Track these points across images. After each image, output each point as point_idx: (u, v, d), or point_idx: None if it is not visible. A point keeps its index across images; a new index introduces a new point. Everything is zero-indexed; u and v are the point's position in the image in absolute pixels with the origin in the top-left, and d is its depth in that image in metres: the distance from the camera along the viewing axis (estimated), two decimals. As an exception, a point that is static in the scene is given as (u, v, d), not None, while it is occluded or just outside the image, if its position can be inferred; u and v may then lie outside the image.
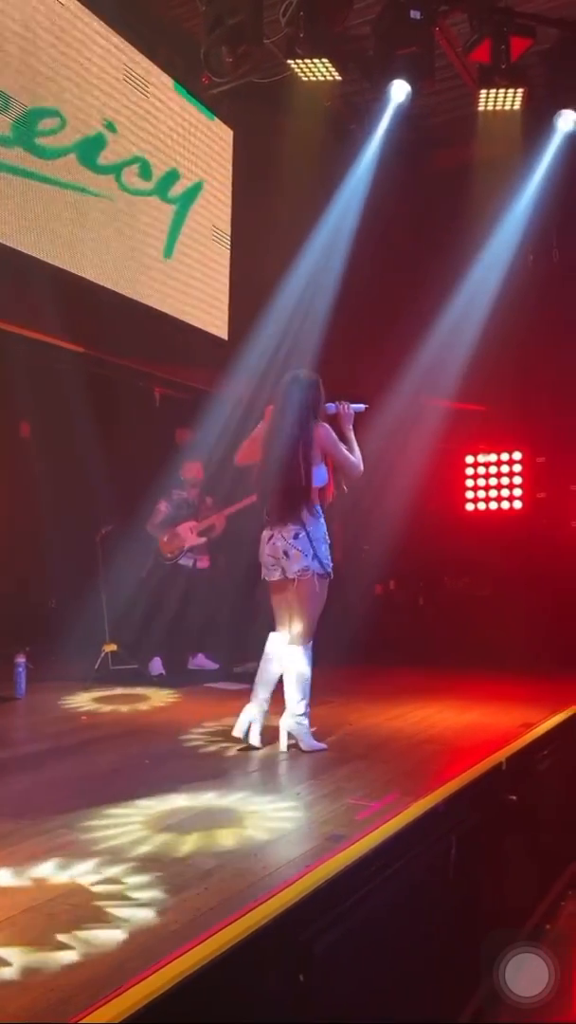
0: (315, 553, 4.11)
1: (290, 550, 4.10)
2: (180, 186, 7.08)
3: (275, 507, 4.16)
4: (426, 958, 3.01)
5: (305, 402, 4.14)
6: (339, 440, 4.17)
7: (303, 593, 4.15)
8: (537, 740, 4.40)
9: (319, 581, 4.15)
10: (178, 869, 2.56)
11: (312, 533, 4.11)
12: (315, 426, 4.13)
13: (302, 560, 4.09)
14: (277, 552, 4.15)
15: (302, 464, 4.07)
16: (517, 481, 8.45)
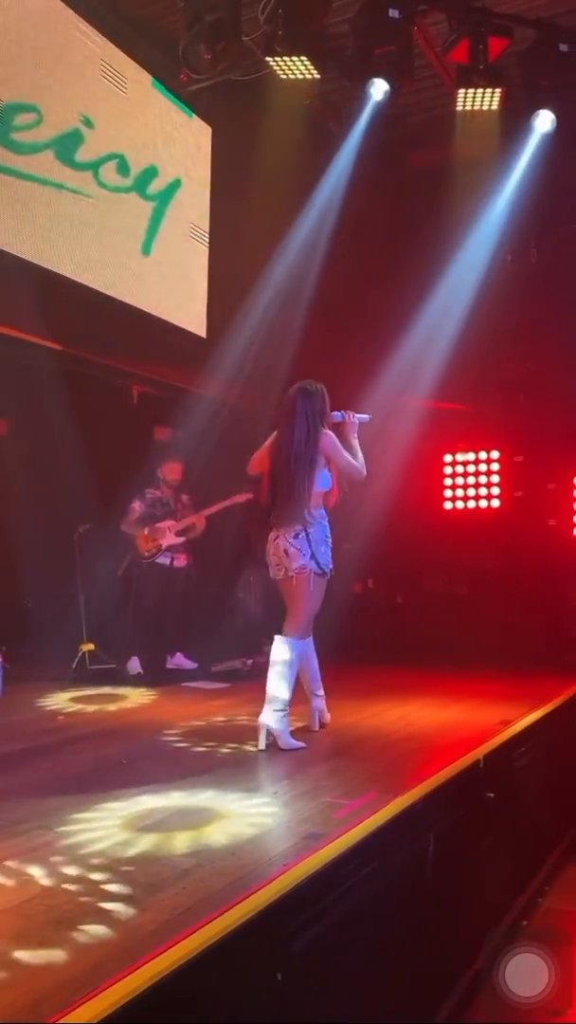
0: (312, 553, 4.29)
1: (290, 549, 4.30)
2: (158, 183, 7.05)
3: (280, 509, 4.36)
4: (405, 955, 3.02)
5: (311, 411, 4.35)
6: (343, 447, 4.37)
7: (298, 589, 4.32)
8: (514, 738, 4.43)
9: (315, 579, 4.32)
10: (155, 869, 2.54)
11: (312, 534, 4.30)
12: (320, 434, 4.32)
13: (300, 559, 4.28)
14: (279, 552, 4.35)
15: (307, 469, 4.28)
16: (495, 480, 8.50)
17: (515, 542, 8.18)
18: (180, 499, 6.83)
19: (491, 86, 6.41)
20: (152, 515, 6.67)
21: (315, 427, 4.32)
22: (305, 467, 4.28)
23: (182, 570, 6.78)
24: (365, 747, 4.37)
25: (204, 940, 2.03)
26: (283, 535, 4.34)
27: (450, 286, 7.74)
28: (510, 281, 8.35)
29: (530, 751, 4.59)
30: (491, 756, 4.00)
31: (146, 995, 1.81)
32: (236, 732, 4.61)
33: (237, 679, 6.36)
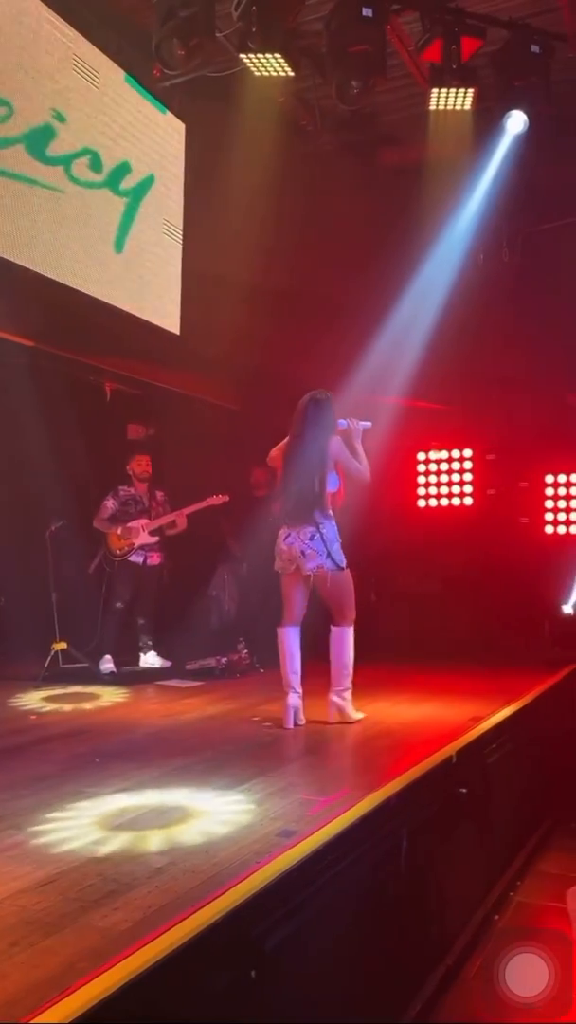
0: (328, 552, 4.61)
1: (306, 550, 4.62)
2: (131, 179, 7.00)
3: (293, 510, 4.68)
4: (377, 951, 3.03)
5: (320, 419, 4.69)
6: (348, 452, 4.70)
7: (329, 587, 4.69)
8: (486, 733, 4.46)
9: (336, 573, 4.66)
10: (128, 868, 2.53)
11: (326, 534, 4.62)
12: (329, 440, 4.65)
13: (316, 559, 4.61)
14: (294, 551, 4.66)
15: (317, 473, 4.62)
16: (467, 478, 8.55)
17: (487, 540, 8.24)
18: (155, 496, 6.81)
19: (464, 86, 6.45)
20: (125, 513, 6.64)
21: (324, 433, 4.65)
22: (315, 471, 4.61)
23: (155, 568, 6.76)
24: (339, 744, 4.39)
25: (177, 939, 2.03)
26: (296, 535, 4.64)
27: (423, 285, 7.77)
28: (482, 280, 8.41)
29: (502, 747, 4.63)
30: (463, 752, 4.03)
31: (119, 994, 1.80)
32: (209, 730, 4.61)
33: (211, 677, 6.35)
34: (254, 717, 4.97)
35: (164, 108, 7.29)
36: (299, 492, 4.65)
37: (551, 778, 5.79)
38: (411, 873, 3.26)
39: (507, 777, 4.71)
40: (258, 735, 4.47)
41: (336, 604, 4.77)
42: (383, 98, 7.34)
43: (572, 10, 6.32)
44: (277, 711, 4.93)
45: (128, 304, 6.95)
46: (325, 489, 4.63)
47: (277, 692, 5.67)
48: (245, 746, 4.18)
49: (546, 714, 5.70)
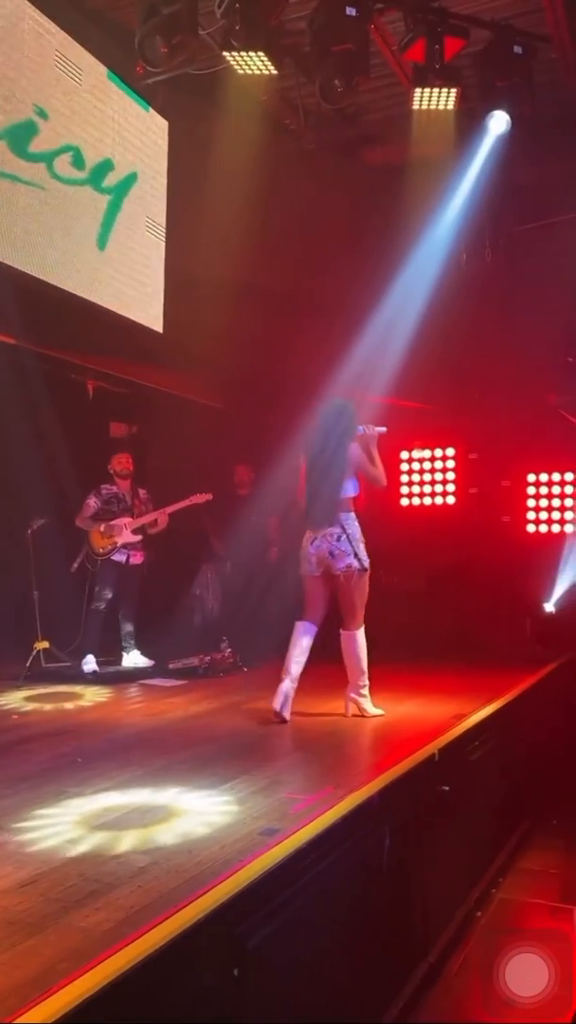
0: (355, 552, 4.81)
1: (335, 551, 4.82)
2: (114, 176, 6.97)
3: (318, 513, 4.90)
4: (360, 948, 3.04)
5: (342, 426, 4.89)
6: (366, 457, 4.91)
7: (350, 588, 4.85)
8: (469, 731, 4.48)
9: (360, 575, 4.85)
10: (111, 867, 2.52)
11: (352, 535, 4.84)
12: (349, 447, 4.86)
13: (345, 559, 4.81)
14: (322, 553, 4.86)
15: (339, 477, 4.84)
16: (450, 477, 8.59)
17: (470, 538, 8.27)
18: (137, 495, 6.78)
19: (447, 86, 6.47)
20: (108, 511, 6.61)
21: (345, 440, 4.86)
22: (338, 476, 4.83)
23: (138, 567, 6.74)
24: (322, 742, 4.39)
25: (159, 938, 2.02)
26: (323, 538, 4.85)
27: (407, 284, 7.79)
28: (465, 280, 8.44)
29: (484, 744, 4.65)
30: (446, 750, 4.04)
31: (100, 995, 1.79)
32: (192, 729, 4.60)
33: (194, 676, 6.34)
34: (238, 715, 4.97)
35: (147, 105, 7.27)
36: (324, 496, 4.86)
37: (533, 775, 5.82)
38: (394, 871, 3.27)
39: (489, 775, 4.74)
40: (241, 734, 4.46)
41: (350, 606, 4.90)
42: (366, 97, 7.35)
43: (554, 11, 6.35)
44: (261, 709, 4.94)
45: (111, 302, 6.92)
46: (349, 492, 4.87)
47: (261, 691, 5.68)
48: (228, 745, 4.18)
49: (528, 712, 5.73)
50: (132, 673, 6.50)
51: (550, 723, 6.30)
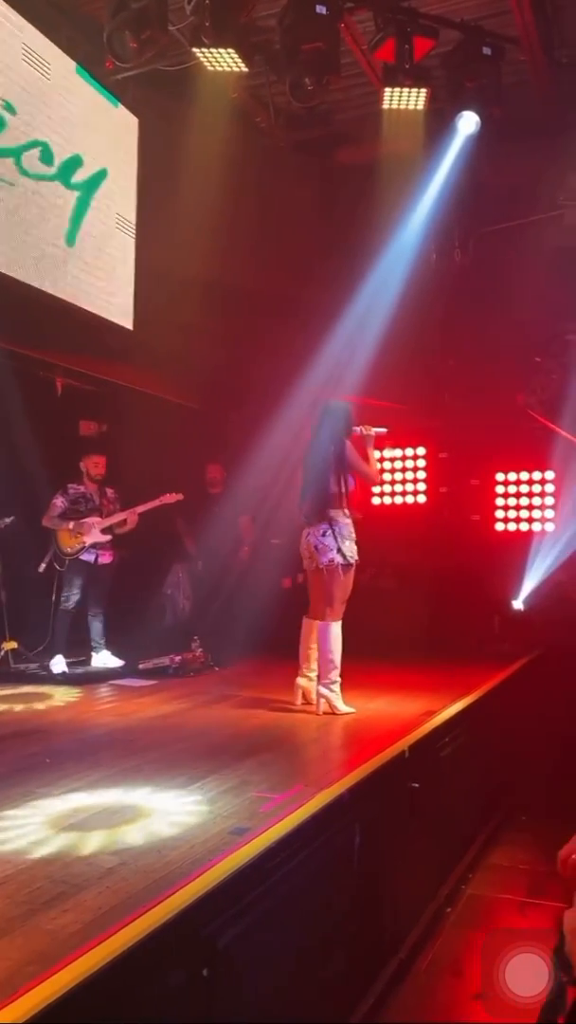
0: (339, 547, 4.99)
1: (319, 544, 5.03)
2: (83, 173, 6.91)
3: (310, 509, 5.12)
4: (331, 945, 3.04)
5: (337, 426, 5.13)
6: (361, 456, 5.11)
7: (330, 579, 5.03)
8: (438, 728, 4.50)
9: (343, 570, 5.03)
10: (79, 869, 2.50)
11: (339, 531, 5.01)
12: (343, 445, 5.06)
13: (328, 553, 5.00)
14: (310, 547, 5.08)
15: (332, 475, 5.03)
16: (421, 476, 8.62)
17: (440, 537, 8.32)
18: (105, 494, 6.73)
19: (416, 86, 6.50)
20: (76, 511, 6.55)
21: (339, 439, 5.07)
22: (329, 473, 5.03)
23: (107, 567, 6.69)
24: (292, 740, 4.39)
25: (127, 939, 2.00)
26: (313, 532, 5.07)
27: (377, 283, 7.81)
28: (435, 279, 8.48)
29: (454, 741, 4.68)
30: (416, 747, 4.06)
31: (67, 997, 1.77)
32: (163, 729, 4.57)
33: (165, 676, 6.30)
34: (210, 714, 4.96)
35: (117, 101, 7.21)
36: (314, 492, 5.08)
37: (502, 771, 5.87)
38: (364, 868, 3.27)
39: (459, 771, 4.76)
40: (211, 733, 4.45)
41: (329, 598, 5.05)
42: (337, 96, 7.37)
43: (522, 13, 6.39)
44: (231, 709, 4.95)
45: (80, 299, 6.87)
46: (339, 489, 5.04)
47: (232, 691, 5.68)
48: (198, 745, 4.16)
49: (497, 708, 5.77)
50: (102, 673, 6.45)
51: (519, 719, 6.36)
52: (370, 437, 5.24)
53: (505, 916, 4.22)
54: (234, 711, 5.04)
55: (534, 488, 8.10)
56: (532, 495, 8.10)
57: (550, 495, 8.01)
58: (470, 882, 4.61)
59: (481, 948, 1.43)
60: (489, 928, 4.03)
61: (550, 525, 7.98)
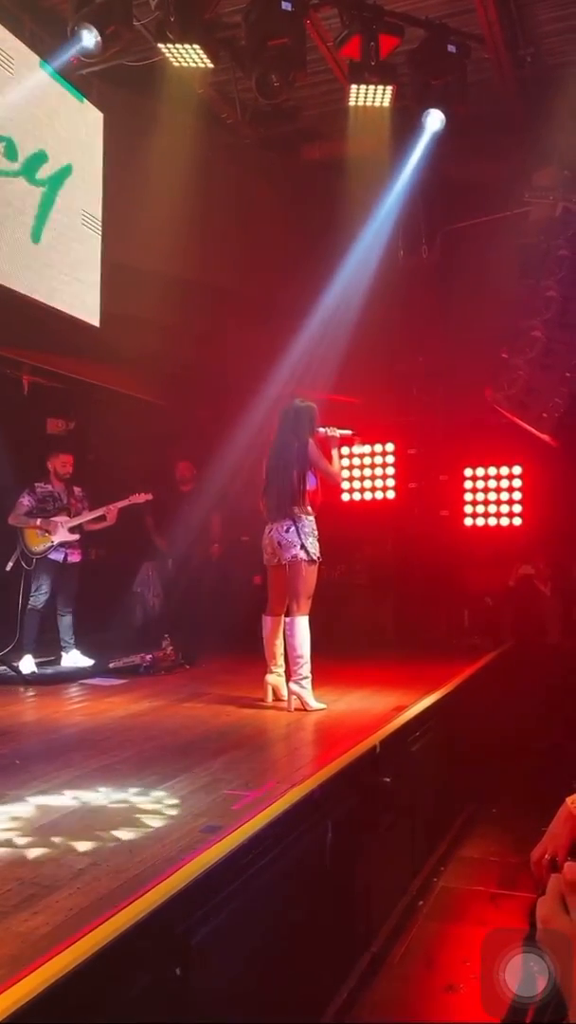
0: (302, 544, 5.03)
1: (283, 541, 5.07)
2: (48, 168, 6.84)
3: (273, 506, 5.16)
4: (304, 941, 3.05)
5: (300, 425, 5.18)
6: (323, 456, 5.16)
7: (295, 575, 5.06)
8: (409, 723, 4.53)
9: (307, 566, 5.05)
10: (49, 870, 2.48)
11: (301, 527, 5.05)
12: (307, 444, 5.11)
13: (292, 549, 5.04)
14: (273, 543, 5.13)
15: (294, 471, 5.08)
16: (390, 472, 8.66)
17: (410, 532, 8.36)
18: (73, 493, 6.68)
19: (382, 83, 6.51)
20: (43, 510, 6.50)
21: (302, 437, 5.12)
22: (292, 471, 5.07)
23: (76, 566, 6.64)
24: (263, 737, 4.40)
25: (99, 940, 2.00)
26: (276, 528, 5.10)
27: (344, 279, 7.83)
28: (402, 276, 8.52)
29: (424, 735, 4.71)
30: (387, 741, 4.08)
31: (39, 1000, 1.77)
32: (133, 728, 4.55)
33: (136, 675, 6.27)
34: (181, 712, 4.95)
35: (82, 97, 7.15)
36: (278, 489, 5.12)
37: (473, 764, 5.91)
38: (336, 864, 3.28)
39: (430, 765, 4.80)
40: (182, 732, 4.44)
41: (294, 593, 5.08)
42: (303, 93, 7.37)
43: (486, 11, 6.43)
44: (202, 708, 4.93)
45: (46, 295, 6.79)
46: (303, 486, 5.07)
47: (203, 689, 5.67)
48: (169, 743, 4.15)
49: (467, 702, 5.82)
50: (72, 673, 6.40)
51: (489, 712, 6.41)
52: (334, 438, 5.28)
53: (477, 908, 4.26)
54: (205, 709, 5.02)
55: (502, 483, 8.16)
56: (500, 490, 8.16)
57: (518, 490, 8.08)
58: (442, 875, 4.64)
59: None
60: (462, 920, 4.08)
61: (518, 520, 8.06)
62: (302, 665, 4.98)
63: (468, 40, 6.57)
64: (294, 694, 4.96)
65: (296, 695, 4.95)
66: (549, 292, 7.39)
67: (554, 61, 7.13)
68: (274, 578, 5.26)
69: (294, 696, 4.96)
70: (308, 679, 4.98)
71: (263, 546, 5.23)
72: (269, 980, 2.75)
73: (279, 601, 5.23)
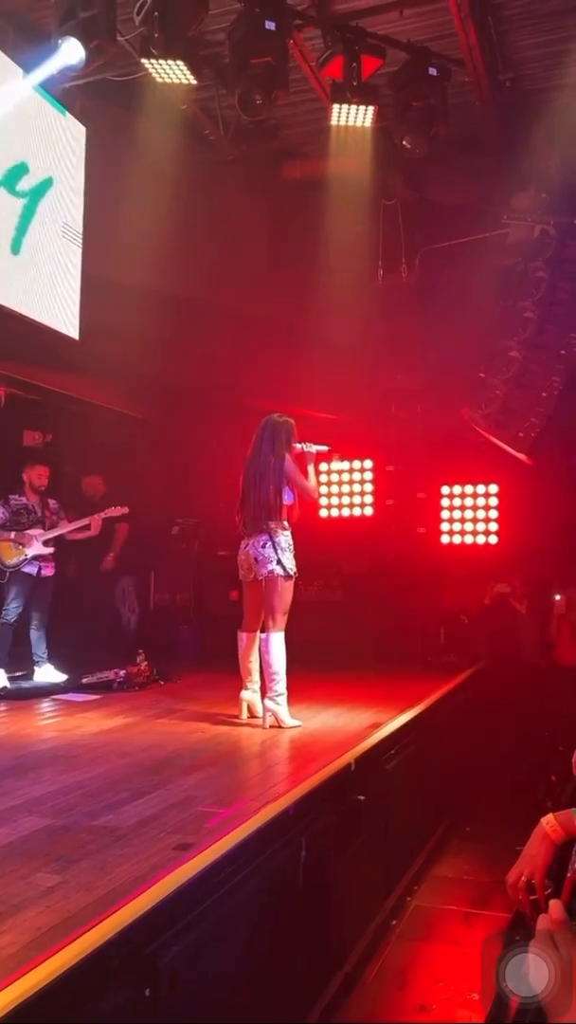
0: (279, 559, 5.00)
1: (259, 556, 5.04)
2: (29, 180, 6.82)
3: (249, 521, 5.14)
4: (276, 960, 3.01)
5: (276, 440, 5.17)
6: (300, 471, 5.14)
7: (270, 590, 5.03)
8: (384, 740, 4.51)
9: (283, 581, 5.02)
10: (17, 888, 2.44)
11: (278, 542, 5.03)
12: (283, 459, 5.11)
13: (268, 565, 5.01)
14: (250, 559, 5.10)
15: (271, 488, 5.06)
16: (368, 488, 8.67)
17: (387, 549, 8.37)
18: (48, 505, 6.63)
19: (364, 103, 6.57)
20: (17, 523, 6.44)
21: (279, 453, 5.12)
22: (269, 486, 5.06)
23: (50, 579, 6.58)
24: (238, 754, 4.36)
25: (67, 960, 1.96)
26: (252, 543, 5.08)
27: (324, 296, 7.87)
28: (382, 295, 8.58)
29: (399, 753, 4.69)
30: (362, 759, 4.06)
31: (3, 1022, 1.72)
32: (106, 745, 4.50)
33: (109, 690, 6.21)
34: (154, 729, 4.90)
35: (64, 110, 7.15)
36: (254, 504, 5.10)
37: (447, 783, 5.91)
38: (310, 882, 3.25)
39: (404, 783, 4.78)
40: (156, 748, 4.39)
41: (270, 609, 5.04)
42: (286, 111, 7.42)
43: (467, 36, 6.52)
44: (176, 724, 4.89)
45: (25, 307, 6.75)
46: (279, 501, 5.06)
47: (177, 705, 5.62)
48: (142, 760, 4.10)
49: (443, 720, 5.81)
50: (44, 688, 6.32)
51: (464, 730, 6.41)
52: (311, 454, 5.27)
53: (450, 927, 4.24)
54: (179, 725, 4.98)
55: (479, 501, 8.20)
56: (477, 508, 8.20)
57: (494, 508, 8.12)
58: (416, 893, 4.62)
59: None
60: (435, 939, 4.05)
61: (494, 538, 8.09)
62: (277, 682, 4.95)
63: (449, 63, 6.65)
64: (269, 711, 4.93)
65: (271, 712, 4.92)
66: (526, 313, 7.47)
67: (533, 86, 7.24)
68: (250, 594, 5.24)
69: (269, 713, 4.93)
70: (283, 696, 4.96)
71: (239, 561, 5.20)
72: (240, 1001, 2.71)
73: (254, 617, 5.20)
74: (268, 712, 4.94)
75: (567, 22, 6.50)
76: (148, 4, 5.87)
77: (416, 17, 6.55)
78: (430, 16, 6.54)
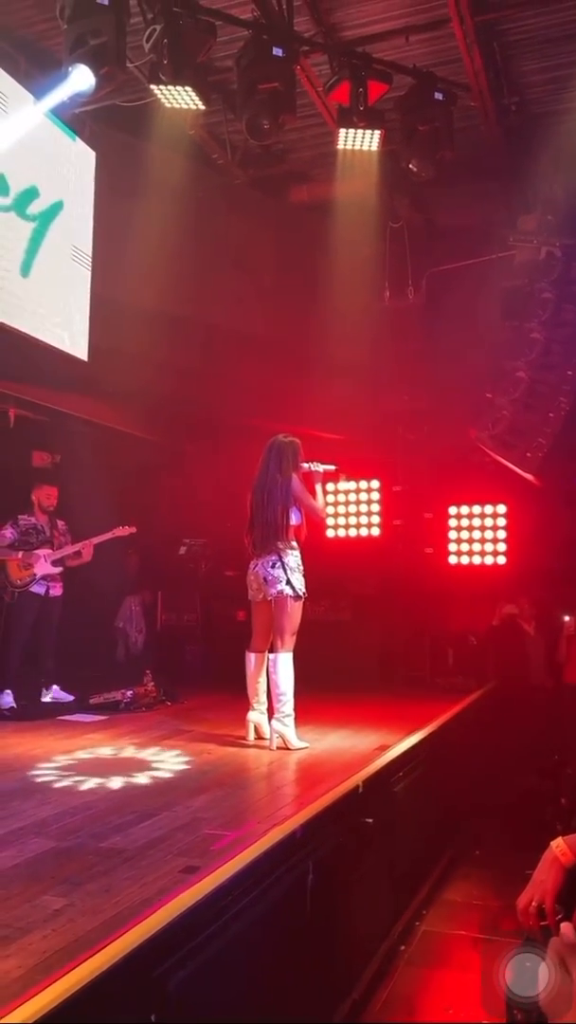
0: (288, 579, 5.00)
1: (268, 576, 5.05)
2: (39, 204, 6.90)
3: (258, 541, 5.14)
4: (283, 986, 2.98)
5: (283, 460, 5.19)
6: (307, 491, 5.17)
7: (279, 611, 5.03)
8: (392, 763, 4.48)
9: (292, 601, 5.03)
10: (23, 911, 2.42)
11: (288, 562, 5.04)
12: (291, 479, 5.13)
13: (277, 585, 5.01)
14: (259, 578, 5.10)
15: (279, 507, 5.08)
16: (375, 508, 8.67)
17: (394, 569, 8.35)
18: (56, 526, 6.64)
19: (370, 127, 6.65)
20: (26, 543, 6.45)
21: (286, 472, 5.14)
22: (277, 505, 5.08)
23: (58, 599, 6.58)
24: (245, 776, 4.34)
25: (73, 983, 1.94)
26: (261, 563, 5.08)
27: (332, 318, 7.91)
28: (389, 316, 8.63)
29: (408, 775, 4.66)
30: (370, 781, 4.03)
31: (9, 1047, 1.71)
32: (113, 765, 4.48)
33: (116, 711, 6.19)
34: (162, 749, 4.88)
35: (74, 135, 7.24)
36: (263, 524, 5.10)
37: (456, 806, 5.86)
38: (317, 906, 3.22)
39: (413, 806, 4.74)
40: (162, 770, 4.37)
41: (279, 630, 5.05)
42: (293, 136, 7.51)
43: (472, 61, 6.60)
44: (184, 744, 4.86)
45: (34, 329, 6.81)
46: (287, 521, 5.07)
47: (184, 725, 5.60)
48: (149, 781, 4.09)
49: (451, 742, 5.77)
50: (51, 709, 6.31)
51: (472, 752, 6.36)
52: (318, 473, 5.29)
53: (459, 953, 4.19)
54: (186, 746, 4.96)
55: (486, 522, 8.19)
56: (484, 528, 8.19)
57: (502, 529, 8.11)
58: (424, 918, 4.57)
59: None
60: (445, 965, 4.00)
61: (502, 559, 8.07)
62: (285, 703, 4.93)
63: (454, 88, 6.73)
64: (276, 732, 4.91)
65: (278, 733, 4.90)
66: (533, 334, 7.49)
67: (538, 110, 7.31)
68: (258, 614, 5.24)
69: (276, 734, 4.91)
70: (291, 717, 4.94)
71: (248, 582, 5.21)
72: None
73: (263, 637, 5.19)
74: (275, 733, 4.91)
75: (571, 47, 6.58)
76: (157, 32, 5.96)
77: (422, 43, 6.64)
78: (436, 42, 6.63)
